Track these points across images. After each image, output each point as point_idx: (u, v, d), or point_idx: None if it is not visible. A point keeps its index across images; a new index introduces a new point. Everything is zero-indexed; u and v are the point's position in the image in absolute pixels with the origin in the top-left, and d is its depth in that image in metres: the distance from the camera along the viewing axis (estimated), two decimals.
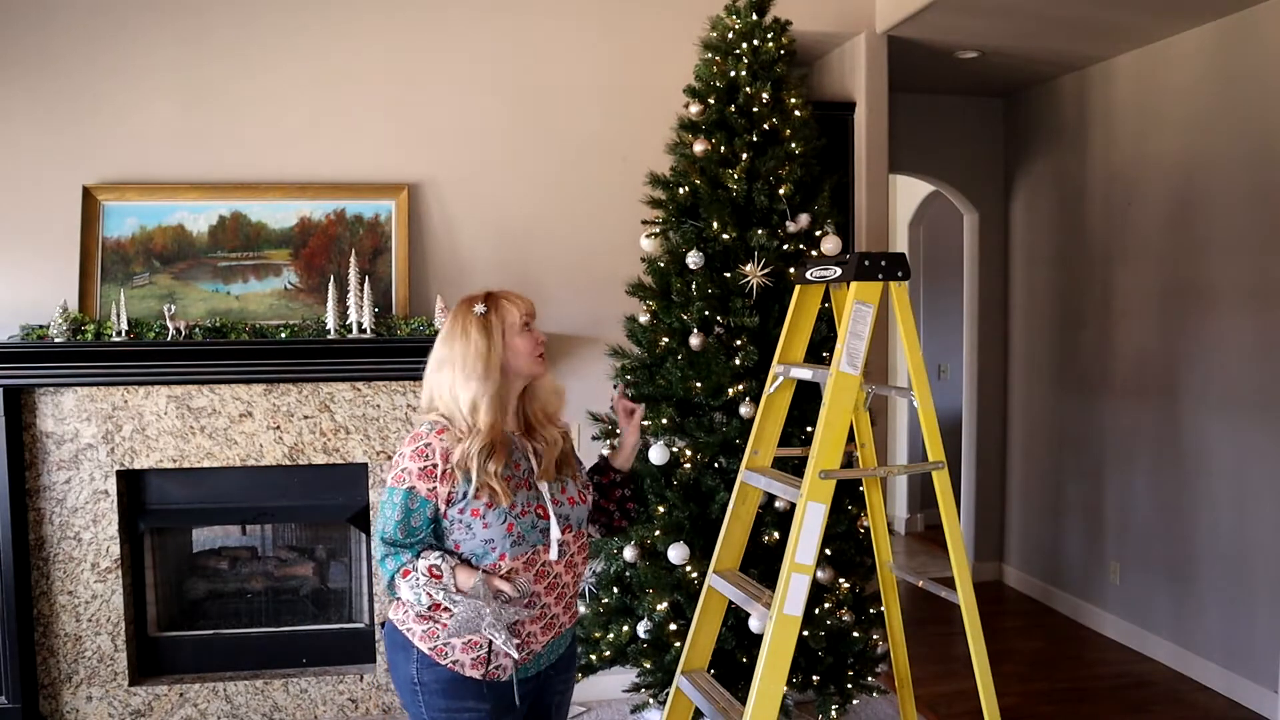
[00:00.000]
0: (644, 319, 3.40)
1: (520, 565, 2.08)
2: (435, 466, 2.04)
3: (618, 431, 2.38)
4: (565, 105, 3.99)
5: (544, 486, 2.14)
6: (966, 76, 5.01)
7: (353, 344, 3.60)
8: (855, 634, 3.37)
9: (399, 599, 2.12)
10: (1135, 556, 4.63)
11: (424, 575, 2.00)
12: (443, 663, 2.07)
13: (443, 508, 2.05)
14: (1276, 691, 3.79)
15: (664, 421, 3.28)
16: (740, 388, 3.23)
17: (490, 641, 2.06)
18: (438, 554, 2.03)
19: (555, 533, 2.11)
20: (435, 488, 2.04)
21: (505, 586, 2.00)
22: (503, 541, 2.06)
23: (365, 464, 3.82)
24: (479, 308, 2.12)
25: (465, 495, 2.05)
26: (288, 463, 3.76)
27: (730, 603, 2.74)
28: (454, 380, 2.09)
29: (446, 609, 2.03)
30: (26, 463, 3.63)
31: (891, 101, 4.35)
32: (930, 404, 2.53)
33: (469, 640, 2.06)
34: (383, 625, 2.22)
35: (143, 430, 3.68)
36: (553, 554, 2.11)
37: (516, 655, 2.04)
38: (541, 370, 2.18)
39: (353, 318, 3.65)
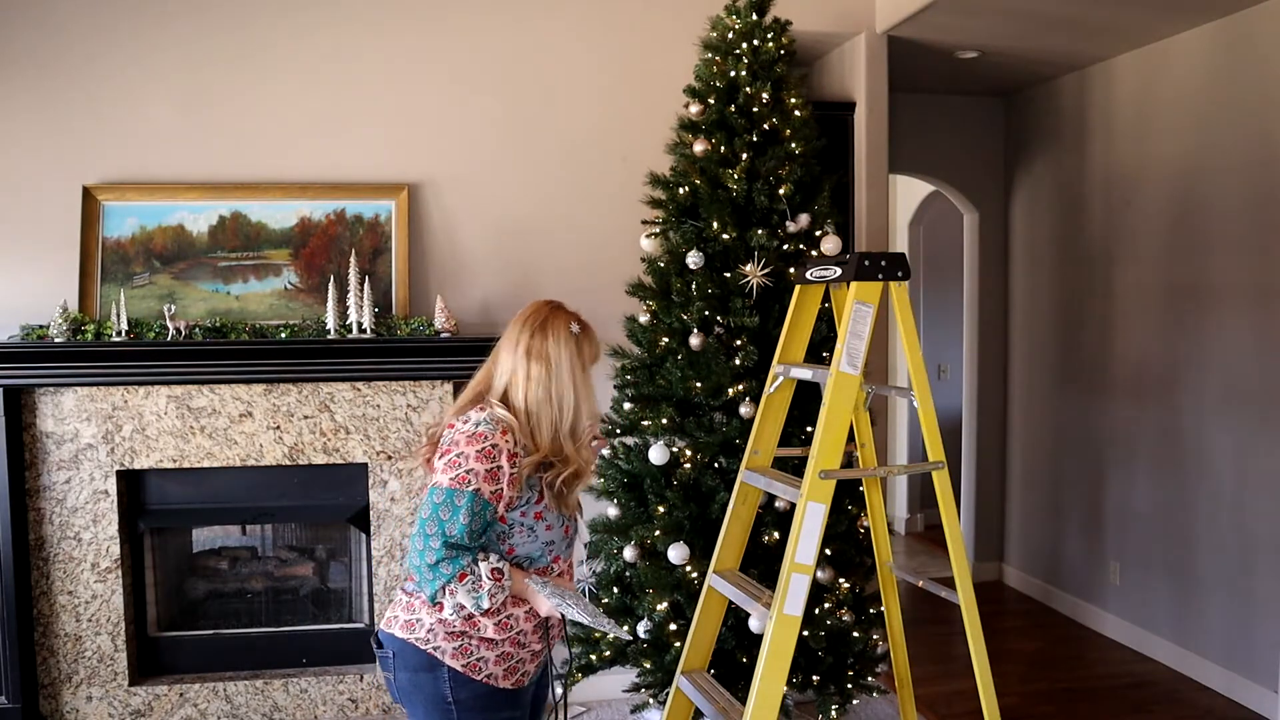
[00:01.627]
0: (644, 319, 3.40)
1: (565, 567, 2.19)
2: (501, 469, 2.01)
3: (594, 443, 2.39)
4: (565, 105, 3.99)
5: None
6: (966, 76, 5.01)
7: (353, 344, 3.60)
8: (855, 634, 3.37)
9: (420, 614, 2.08)
10: (1135, 556, 4.63)
11: (488, 579, 1.99)
12: (477, 678, 2.07)
13: (501, 510, 2.04)
14: (1276, 691, 3.79)
15: (664, 421, 3.28)
16: (740, 388, 3.23)
17: (550, 651, 2.15)
18: (496, 555, 2.04)
19: (584, 532, 2.19)
20: (500, 490, 2.01)
21: (567, 584, 2.13)
22: (560, 543, 2.14)
23: (365, 464, 3.82)
24: (575, 327, 2.14)
25: (528, 499, 2.06)
26: (288, 463, 3.76)
27: (730, 603, 2.74)
28: (559, 381, 2.08)
29: (484, 618, 2.06)
30: (26, 463, 3.63)
31: (891, 101, 4.35)
32: (930, 404, 2.53)
33: (502, 651, 2.08)
34: (377, 644, 2.17)
35: (143, 430, 3.68)
36: (579, 550, 2.21)
37: (625, 634, 2.16)
38: None
39: (353, 318, 3.65)
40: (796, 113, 3.39)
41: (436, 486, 2.00)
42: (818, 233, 3.36)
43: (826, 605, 3.31)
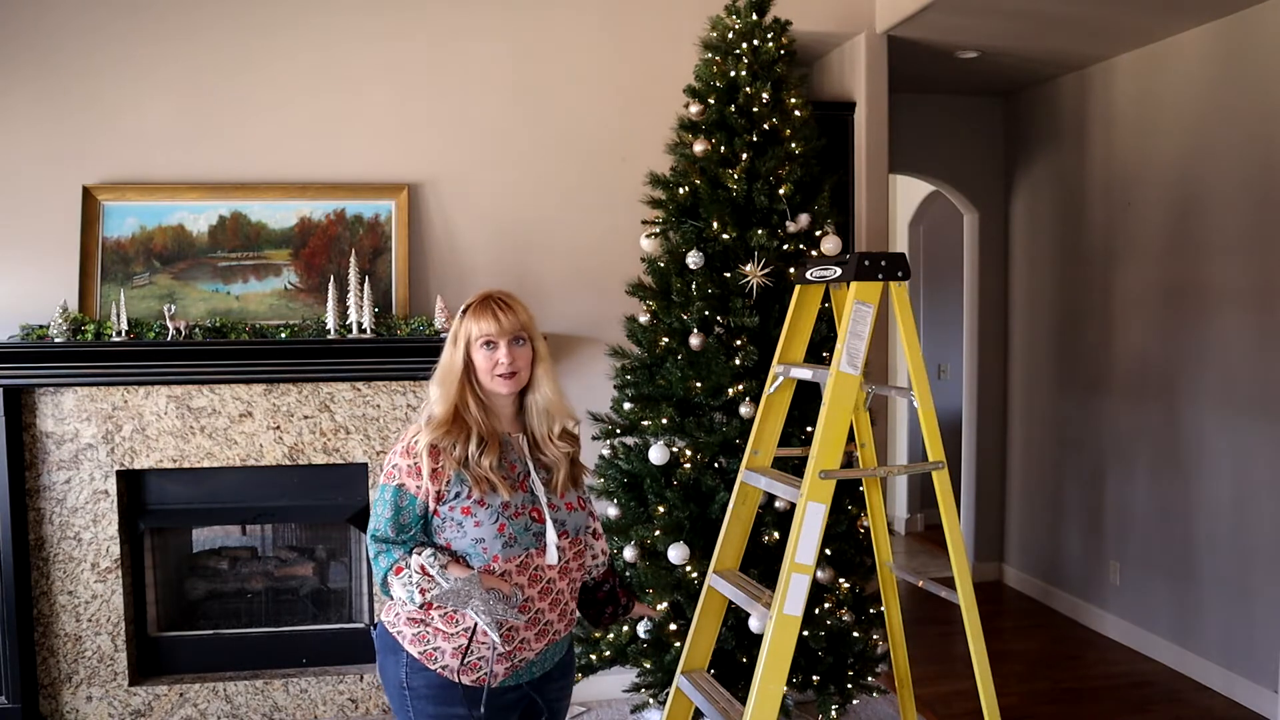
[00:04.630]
0: (644, 319, 3.40)
1: (514, 569, 2.06)
2: (422, 463, 2.04)
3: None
4: (565, 105, 3.99)
5: (540, 491, 2.12)
6: (966, 76, 5.01)
7: (353, 344, 3.60)
8: (855, 634, 3.37)
9: (390, 600, 2.11)
10: (1135, 556, 4.63)
11: (416, 573, 2.00)
12: (432, 667, 2.05)
13: (433, 505, 2.05)
14: (1276, 691, 3.79)
15: (664, 421, 3.28)
16: (740, 388, 3.23)
17: (472, 630, 2.03)
18: (430, 552, 2.03)
19: (551, 537, 2.09)
20: (424, 485, 2.04)
21: (501, 585, 2.01)
22: (493, 542, 2.03)
23: (365, 464, 3.82)
24: (461, 308, 2.15)
25: (458, 494, 2.04)
26: (288, 463, 3.76)
27: (730, 603, 2.74)
28: (442, 363, 2.14)
29: (438, 608, 2.04)
30: (26, 463, 3.63)
31: (891, 101, 4.35)
32: (930, 404, 2.53)
33: (458, 644, 2.04)
34: (374, 626, 2.25)
35: (143, 430, 3.68)
36: (550, 558, 2.08)
37: (499, 643, 2.01)
38: (503, 390, 2.11)
39: (353, 318, 3.65)
40: (796, 113, 3.39)
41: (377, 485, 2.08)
42: (818, 233, 3.36)
43: (826, 605, 3.31)
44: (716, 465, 3.32)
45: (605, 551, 2.37)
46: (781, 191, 3.29)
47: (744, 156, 3.29)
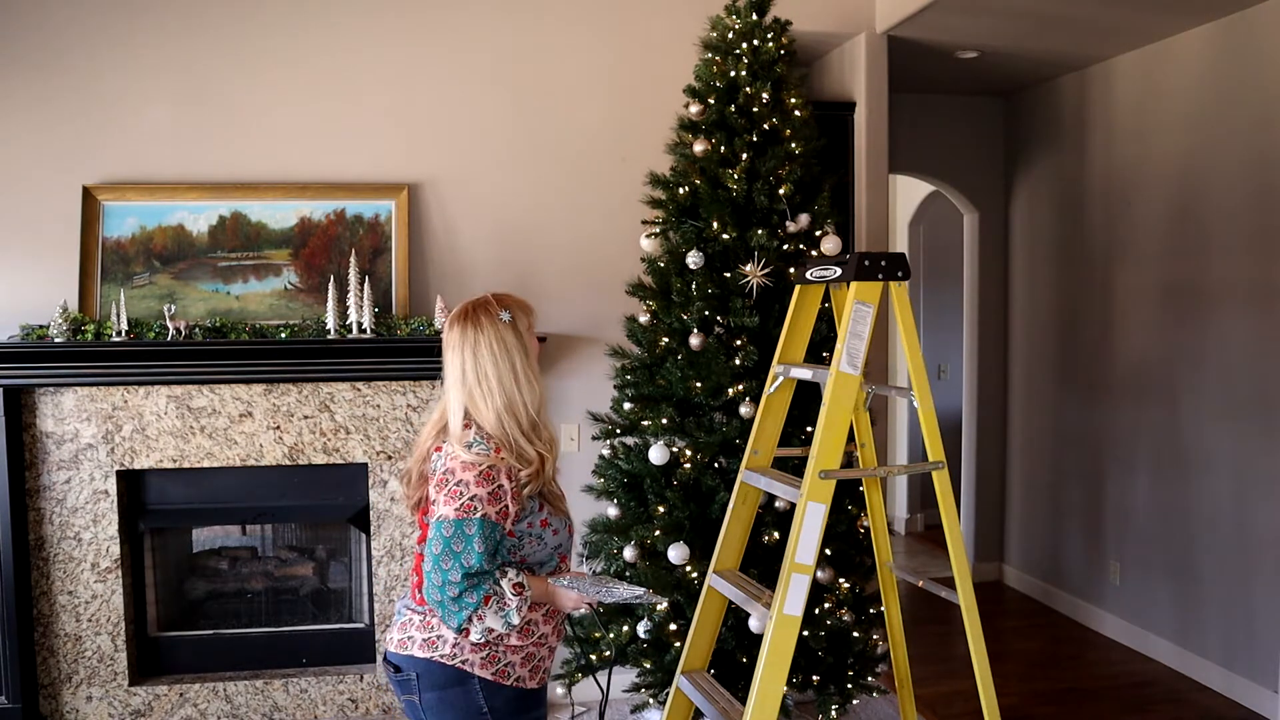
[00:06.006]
0: (644, 319, 3.40)
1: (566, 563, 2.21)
2: (502, 488, 2.00)
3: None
4: (566, 105, 3.99)
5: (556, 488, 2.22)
6: (966, 76, 5.01)
7: (353, 344, 3.60)
8: (855, 634, 3.37)
9: (439, 630, 2.06)
10: (1135, 556, 4.63)
11: (512, 595, 2.00)
12: (507, 683, 2.07)
13: (508, 525, 2.03)
14: (1276, 691, 3.79)
15: (664, 421, 3.28)
16: (740, 388, 3.23)
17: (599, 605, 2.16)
18: (514, 570, 2.04)
19: (577, 524, 2.24)
20: (505, 508, 2.00)
21: (577, 576, 2.15)
22: (567, 544, 2.16)
23: (365, 464, 3.82)
24: (504, 314, 2.10)
25: (532, 509, 2.08)
26: (288, 463, 3.76)
27: (730, 603, 2.74)
28: (507, 389, 2.06)
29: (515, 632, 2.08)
30: (26, 463, 3.63)
31: (891, 101, 4.35)
32: (930, 404, 2.53)
33: (526, 654, 2.09)
34: (394, 669, 2.13)
35: (143, 430, 3.68)
36: (576, 544, 2.23)
37: (656, 598, 2.19)
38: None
39: (353, 318, 3.65)
40: (796, 113, 3.38)
41: (443, 520, 1.97)
42: (818, 233, 3.36)
43: (826, 605, 3.31)
44: (716, 465, 3.32)
45: None
46: (781, 191, 3.29)
47: (744, 156, 3.29)
